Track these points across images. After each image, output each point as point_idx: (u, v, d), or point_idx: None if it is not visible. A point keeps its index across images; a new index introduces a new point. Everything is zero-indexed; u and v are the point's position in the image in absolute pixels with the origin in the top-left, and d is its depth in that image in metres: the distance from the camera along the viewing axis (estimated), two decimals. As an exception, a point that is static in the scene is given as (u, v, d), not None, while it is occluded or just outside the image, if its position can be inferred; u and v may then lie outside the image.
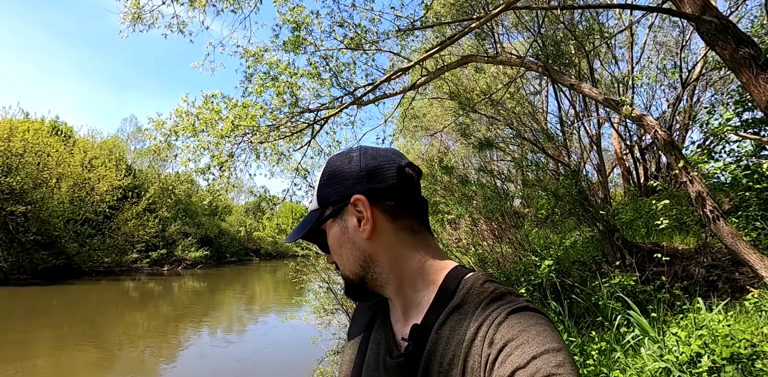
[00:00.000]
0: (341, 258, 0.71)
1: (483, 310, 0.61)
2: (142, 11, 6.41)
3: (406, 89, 5.39)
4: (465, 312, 0.63)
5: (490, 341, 0.57)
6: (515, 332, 0.55)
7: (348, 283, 0.72)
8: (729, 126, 5.14)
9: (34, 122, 20.51)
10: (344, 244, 0.70)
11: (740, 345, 2.35)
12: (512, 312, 0.59)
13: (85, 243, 20.58)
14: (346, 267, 0.71)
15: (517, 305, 0.60)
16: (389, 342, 0.71)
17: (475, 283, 0.66)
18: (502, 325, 0.57)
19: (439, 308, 0.66)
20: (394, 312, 0.74)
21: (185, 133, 4.75)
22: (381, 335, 0.74)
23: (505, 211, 5.56)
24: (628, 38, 11.17)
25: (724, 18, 3.50)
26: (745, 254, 3.02)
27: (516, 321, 0.57)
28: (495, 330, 0.57)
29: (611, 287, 3.76)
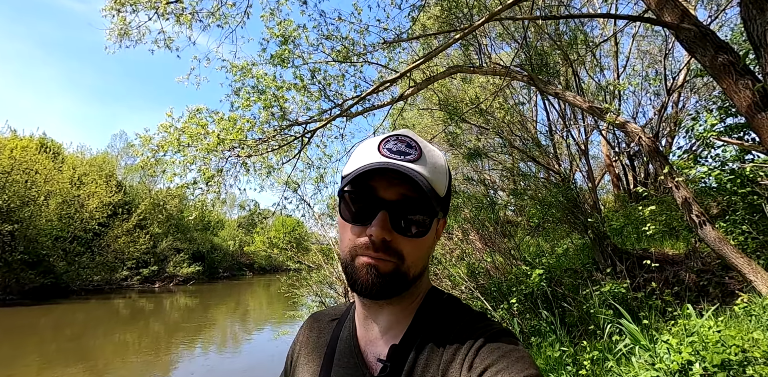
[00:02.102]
0: (421, 258, 0.65)
1: (460, 333, 0.62)
2: (128, 27, 6.43)
3: (394, 100, 5.42)
4: (442, 334, 0.63)
5: (470, 365, 0.57)
6: (495, 357, 0.56)
7: (402, 280, 0.63)
8: (713, 131, 5.21)
9: (22, 139, 20.30)
10: (430, 249, 0.68)
11: (730, 351, 2.32)
12: (491, 337, 0.60)
13: (73, 261, 20.23)
14: (416, 268, 0.64)
15: (495, 330, 0.61)
16: (359, 365, 0.67)
17: (452, 305, 0.68)
18: (481, 350, 0.58)
19: (418, 329, 0.65)
20: (368, 331, 0.70)
21: (171, 148, 4.71)
22: (349, 358, 0.69)
23: (495, 221, 5.56)
24: (613, 47, 11.40)
25: (702, 26, 3.58)
26: (733, 258, 3.02)
27: (495, 347, 0.58)
28: (474, 355, 0.58)
29: (602, 295, 3.73)
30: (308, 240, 11.87)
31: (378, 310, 0.69)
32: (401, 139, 0.66)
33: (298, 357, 0.79)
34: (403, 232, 0.61)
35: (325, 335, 0.77)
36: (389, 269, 0.61)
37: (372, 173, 0.61)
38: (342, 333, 0.74)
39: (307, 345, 0.78)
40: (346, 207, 0.64)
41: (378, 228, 0.59)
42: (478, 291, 4.40)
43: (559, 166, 8.70)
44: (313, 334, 0.79)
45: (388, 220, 0.60)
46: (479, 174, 11.39)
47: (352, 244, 0.63)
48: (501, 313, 4.02)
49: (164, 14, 6.09)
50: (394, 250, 0.61)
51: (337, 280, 8.66)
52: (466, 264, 5.57)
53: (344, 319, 0.77)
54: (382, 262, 0.61)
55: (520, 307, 3.92)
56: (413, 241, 0.62)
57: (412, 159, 0.63)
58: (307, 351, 0.77)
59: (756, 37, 2.57)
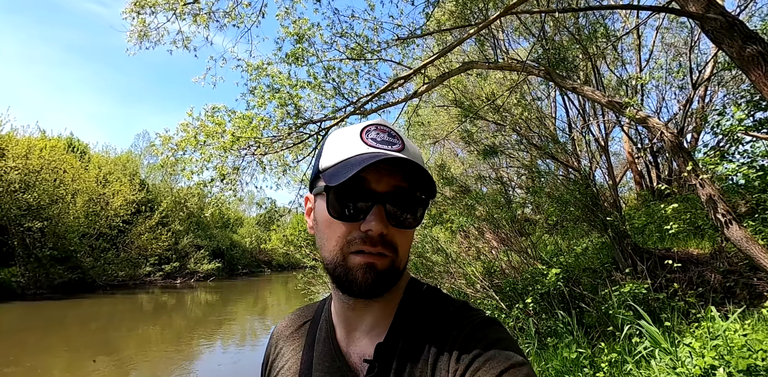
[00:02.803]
0: (408, 249, 0.64)
1: (445, 325, 0.61)
2: (148, 29, 6.56)
3: (408, 97, 5.38)
4: (427, 328, 0.62)
5: (458, 356, 0.56)
6: (482, 346, 0.56)
7: (395, 275, 0.61)
8: (741, 126, 5.00)
9: (51, 139, 21.03)
10: (412, 237, 0.66)
11: (757, 356, 2.22)
12: (476, 327, 0.59)
13: (99, 257, 20.90)
14: (404, 259, 0.63)
15: (480, 319, 0.61)
16: (342, 368, 0.64)
17: (433, 297, 0.67)
18: (468, 341, 0.57)
19: (403, 325, 0.63)
20: (349, 331, 0.67)
21: (188, 146, 4.80)
22: (330, 361, 0.66)
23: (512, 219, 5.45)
24: (636, 40, 11.06)
25: (729, 15, 3.42)
26: (761, 259, 2.89)
27: (481, 336, 0.58)
28: (461, 346, 0.57)
29: (622, 295, 3.62)
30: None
31: (364, 309, 0.65)
32: (381, 129, 0.64)
33: (271, 369, 0.75)
34: (398, 225, 0.59)
35: (299, 339, 0.74)
36: (386, 265, 0.59)
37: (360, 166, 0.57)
38: (318, 336, 0.71)
39: (282, 354, 0.74)
40: (334, 203, 0.60)
41: (377, 222, 0.57)
42: (492, 290, 4.33)
43: (578, 163, 8.49)
44: (286, 342, 0.75)
45: (384, 214, 0.58)
46: (496, 171, 11.24)
47: (343, 242, 0.59)
48: (516, 313, 3.95)
49: (181, 15, 6.20)
50: (390, 244, 0.59)
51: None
52: (481, 262, 5.50)
53: (317, 321, 0.74)
54: (380, 259, 0.59)
55: (536, 307, 3.84)
56: (405, 233, 0.61)
57: (398, 149, 0.61)
58: (282, 360, 0.73)
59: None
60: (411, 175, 0.59)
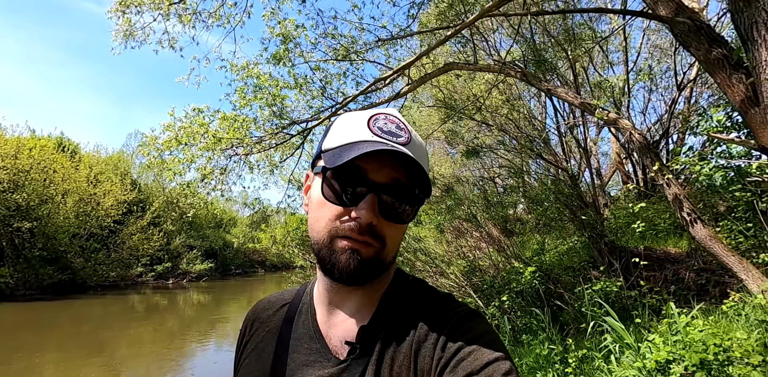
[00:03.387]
0: (398, 242, 0.64)
1: (431, 314, 0.62)
2: (133, 28, 6.56)
3: (391, 98, 5.43)
4: (411, 316, 0.63)
5: (443, 345, 0.57)
6: (467, 339, 0.57)
7: (380, 265, 0.61)
8: (719, 128, 5.09)
9: (41, 139, 20.87)
10: (403, 232, 0.66)
11: (710, 350, 2.29)
12: (463, 318, 0.60)
13: (90, 257, 20.76)
14: (393, 252, 0.63)
15: (466, 311, 0.62)
16: (322, 350, 0.64)
17: (419, 288, 0.68)
18: (454, 331, 0.58)
19: (387, 311, 0.64)
20: (332, 315, 0.67)
21: (170, 147, 4.81)
22: (309, 343, 0.66)
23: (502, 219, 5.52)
24: (623, 42, 11.17)
25: (697, 19, 3.50)
26: (724, 257, 2.96)
27: (467, 328, 0.59)
28: (447, 335, 0.58)
29: (593, 293, 3.70)
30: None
31: (347, 295, 0.66)
32: (390, 119, 0.63)
33: (244, 350, 0.74)
34: (389, 217, 0.59)
35: (276, 321, 0.73)
36: (371, 254, 0.59)
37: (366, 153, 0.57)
38: (297, 318, 0.71)
39: (257, 335, 0.74)
40: (328, 185, 0.60)
41: (367, 211, 0.57)
42: (471, 288, 4.39)
43: (567, 162, 8.59)
44: (262, 324, 0.75)
45: (377, 204, 0.58)
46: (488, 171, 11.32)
47: (332, 226, 0.60)
48: (492, 311, 4.01)
49: (166, 15, 6.21)
50: (378, 235, 0.59)
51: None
52: (464, 261, 5.57)
53: (297, 303, 0.74)
54: (365, 247, 0.59)
55: (511, 305, 3.91)
56: (395, 227, 0.61)
57: (403, 141, 0.60)
58: (257, 341, 0.72)
59: (743, 31, 2.51)
60: (412, 170, 0.59)
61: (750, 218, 3.58)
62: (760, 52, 2.38)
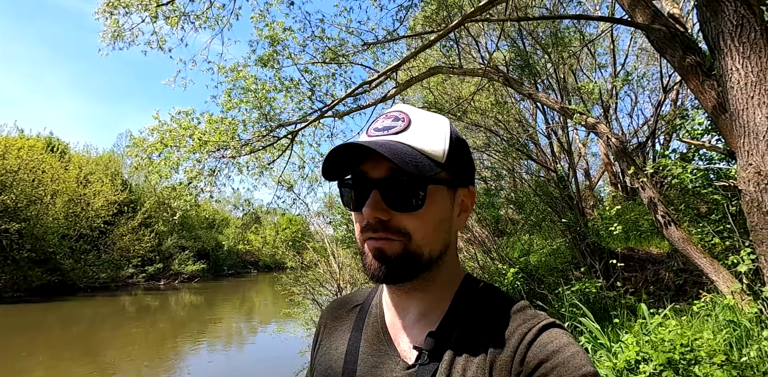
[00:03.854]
0: (433, 233, 0.60)
1: (507, 323, 0.59)
2: (121, 29, 6.53)
3: (377, 101, 5.48)
4: (483, 323, 0.61)
5: (521, 358, 0.55)
6: (548, 352, 0.54)
7: (412, 261, 0.59)
8: (699, 131, 5.19)
9: (29, 139, 20.67)
10: (445, 222, 0.62)
11: (677, 350, 2.36)
12: (543, 329, 0.57)
13: (80, 259, 20.59)
14: (429, 245, 0.60)
15: (546, 322, 0.59)
16: (390, 353, 0.64)
17: (491, 294, 0.65)
18: (534, 343, 0.56)
19: (457, 317, 0.62)
20: (398, 319, 0.66)
21: (155, 150, 4.82)
22: (377, 345, 0.66)
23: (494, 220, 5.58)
24: (610, 45, 11.32)
25: (672, 26, 3.58)
26: (696, 258, 3.04)
27: (547, 340, 0.55)
28: (526, 347, 0.55)
29: (573, 294, 3.77)
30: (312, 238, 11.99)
31: (406, 297, 0.65)
32: (389, 115, 0.63)
33: (319, 348, 0.75)
34: (399, 208, 0.58)
35: (348, 321, 0.74)
36: (397, 250, 0.58)
37: (361, 157, 0.59)
38: (367, 319, 0.71)
39: (330, 334, 0.75)
40: (343, 195, 0.64)
41: (368, 208, 0.57)
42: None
43: (556, 164, 8.69)
44: (335, 322, 0.76)
45: (381, 199, 0.58)
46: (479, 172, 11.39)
47: (358, 231, 0.62)
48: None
49: (154, 16, 6.19)
50: (396, 229, 0.58)
51: (330, 278, 8.76)
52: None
53: (368, 305, 0.74)
54: (388, 243, 0.58)
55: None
56: (415, 216, 0.58)
57: (396, 131, 0.60)
58: (330, 340, 0.73)
59: (711, 40, 2.59)
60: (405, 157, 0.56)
61: (724, 220, 3.68)
62: (726, 61, 2.46)
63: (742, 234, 3.23)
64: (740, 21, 2.39)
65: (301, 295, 9.11)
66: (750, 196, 2.35)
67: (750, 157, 2.37)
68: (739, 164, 2.45)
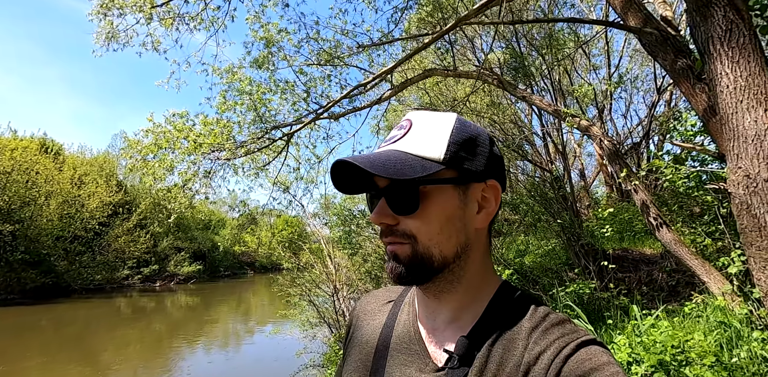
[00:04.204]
0: (440, 234, 0.60)
1: (543, 335, 0.58)
2: (116, 31, 6.51)
3: (373, 103, 5.49)
4: (518, 332, 0.60)
5: (556, 372, 0.53)
6: (586, 369, 0.52)
7: (423, 263, 0.60)
8: (691, 132, 5.24)
9: (23, 140, 20.52)
10: (455, 221, 0.61)
11: (668, 351, 2.39)
12: (581, 345, 0.56)
13: (74, 260, 20.46)
14: (437, 246, 0.60)
15: (585, 337, 0.57)
16: (421, 353, 0.64)
17: (528, 303, 0.64)
18: (572, 358, 0.54)
19: (490, 323, 0.61)
20: (429, 319, 0.66)
21: (149, 152, 4.81)
22: (408, 344, 0.66)
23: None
24: (605, 46, 11.39)
25: (664, 30, 3.61)
26: (687, 260, 3.08)
27: (586, 357, 0.54)
28: (563, 362, 0.54)
29: (567, 295, 3.79)
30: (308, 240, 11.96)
31: (435, 299, 0.65)
32: (398, 125, 0.65)
33: (352, 339, 0.76)
34: (400, 212, 0.60)
35: (381, 316, 0.74)
36: (407, 253, 0.60)
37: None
38: (400, 316, 0.71)
39: (361, 327, 0.75)
40: (368, 206, 0.66)
41: (374, 215, 0.60)
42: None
43: (551, 164, 8.73)
44: (367, 316, 0.76)
45: (387, 205, 0.60)
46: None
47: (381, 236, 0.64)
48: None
49: (149, 18, 6.17)
50: (402, 232, 0.60)
51: (327, 280, 8.75)
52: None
53: (400, 302, 0.74)
54: (399, 247, 0.60)
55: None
56: (416, 218, 0.59)
57: (396, 139, 0.62)
58: (362, 334, 0.74)
59: (701, 44, 2.62)
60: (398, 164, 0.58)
61: (716, 222, 3.72)
62: (715, 65, 2.49)
63: (732, 235, 3.27)
64: (729, 26, 2.42)
65: (298, 296, 9.10)
66: (739, 199, 2.38)
67: (739, 160, 2.40)
68: (729, 167, 2.48)
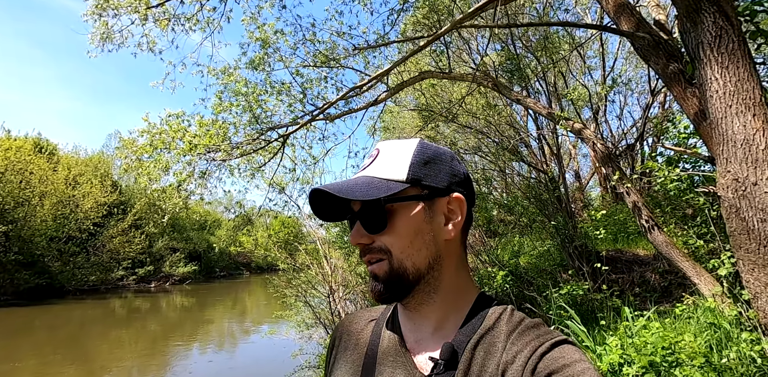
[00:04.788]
0: (410, 247, 0.64)
1: (519, 337, 0.62)
2: (111, 31, 6.49)
3: (368, 104, 5.50)
4: (497, 336, 0.63)
5: (533, 368, 0.57)
6: (559, 365, 0.56)
7: (399, 276, 0.63)
8: (684, 134, 5.29)
9: (17, 140, 20.37)
10: (424, 234, 0.64)
11: (658, 353, 2.42)
12: (555, 344, 0.60)
13: (68, 261, 20.32)
14: (410, 258, 0.64)
15: (558, 338, 0.61)
16: (407, 364, 0.66)
17: (505, 311, 0.68)
18: (546, 356, 0.58)
19: (471, 329, 0.65)
20: (413, 332, 0.69)
21: (144, 152, 4.80)
22: (395, 357, 0.68)
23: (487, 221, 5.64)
24: (600, 48, 11.47)
25: (656, 34, 3.65)
26: (679, 262, 3.11)
27: (559, 355, 0.58)
28: (538, 359, 0.58)
29: (561, 296, 3.83)
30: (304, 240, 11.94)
31: (417, 313, 0.68)
32: (369, 155, 0.71)
33: (335, 361, 0.77)
34: (373, 231, 0.63)
35: (365, 334, 0.76)
36: (384, 269, 0.63)
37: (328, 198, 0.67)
38: (383, 333, 0.73)
39: (346, 347, 0.77)
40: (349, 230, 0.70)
41: (352, 237, 0.65)
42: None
43: (547, 165, 8.78)
44: (351, 336, 0.78)
45: (361, 227, 0.64)
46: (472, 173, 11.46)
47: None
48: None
49: (144, 19, 6.16)
50: (379, 248, 0.64)
51: (323, 281, 8.75)
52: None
53: (383, 320, 0.76)
54: (377, 265, 0.64)
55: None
56: (388, 234, 0.63)
57: (365, 166, 0.69)
58: (346, 353, 0.75)
59: (691, 50, 2.66)
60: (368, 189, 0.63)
61: (706, 224, 3.76)
62: (705, 70, 2.53)
63: (722, 238, 3.31)
64: (719, 32, 2.46)
65: (294, 297, 9.09)
66: (729, 202, 2.42)
67: (728, 164, 2.43)
68: (719, 170, 2.51)
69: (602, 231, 3.98)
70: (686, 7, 2.61)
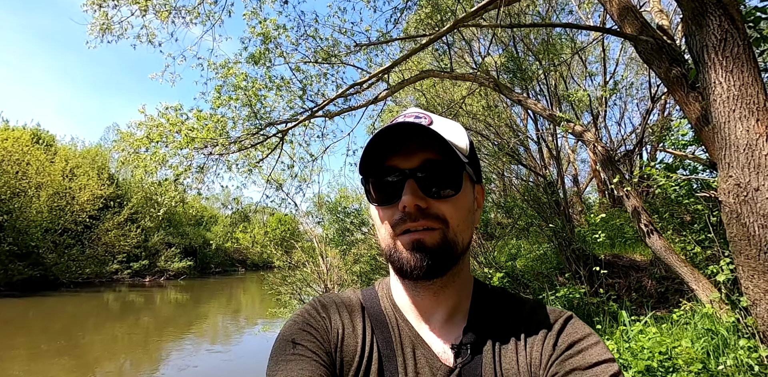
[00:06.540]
0: (464, 222, 0.61)
1: (529, 315, 0.64)
2: (110, 22, 6.43)
3: (368, 102, 5.47)
4: (506, 317, 0.65)
5: (553, 342, 0.60)
6: (577, 337, 0.59)
7: (450, 250, 0.59)
8: (683, 140, 5.28)
9: (14, 130, 20.25)
10: (470, 214, 0.63)
11: (655, 358, 2.39)
12: (569, 319, 0.63)
13: (63, 253, 20.22)
14: (461, 234, 0.60)
15: (568, 314, 0.64)
16: (427, 356, 0.62)
17: (502, 293, 0.69)
18: (564, 330, 0.61)
19: (481, 313, 0.65)
20: (428, 321, 0.65)
21: (141, 145, 4.76)
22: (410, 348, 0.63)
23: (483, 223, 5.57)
24: (601, 53, 11.46)
25: (659, 38, 3.63)
26: (677, 267, 3.09)
27: (575, 329, 0.61)
28: (556, 334, 0.60)
29: (559, 299, 3.80)
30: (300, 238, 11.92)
31: (433, 299, 0.64)
32: (408, 115, 0.64)
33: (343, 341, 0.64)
34: (435, 195, 0.58)
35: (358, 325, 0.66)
36: (436, 239, 0.58)
37: (387, 152, 0.59)
38: (390, 325, 0.66)
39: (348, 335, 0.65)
40: (373, 191, 0.62)
41: (408, 195, 0.57)
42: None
43: (545, 169, 8.76)
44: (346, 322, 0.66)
45: (418, 188, 0.58)
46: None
47: (390, 225, 0.60)
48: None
49: (144, 10, 6.11)
50: (435, 215, 0.58)
51: (318, 279, 8.73)
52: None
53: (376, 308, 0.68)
54: (428, 233, 0.58)
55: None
56: (451, 202, 0.59)
57: (427, 123, 0.62)
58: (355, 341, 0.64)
59: (695, 53, 2.63)
60: (440, 145, 0.58)
61: (706, 230, 3.74)
62: (710, 74, 2.50)
63: (721, 244, 3.29)
64: (724, 35, 2.43)
65: (288, 295, 9.06)
66: (729, 208, 2.39)
67: (730, 169, 2.41)
68: (720, 176, 2.49)
69: (601, 235, 3.95)
70: (692, 9, 2.59)
